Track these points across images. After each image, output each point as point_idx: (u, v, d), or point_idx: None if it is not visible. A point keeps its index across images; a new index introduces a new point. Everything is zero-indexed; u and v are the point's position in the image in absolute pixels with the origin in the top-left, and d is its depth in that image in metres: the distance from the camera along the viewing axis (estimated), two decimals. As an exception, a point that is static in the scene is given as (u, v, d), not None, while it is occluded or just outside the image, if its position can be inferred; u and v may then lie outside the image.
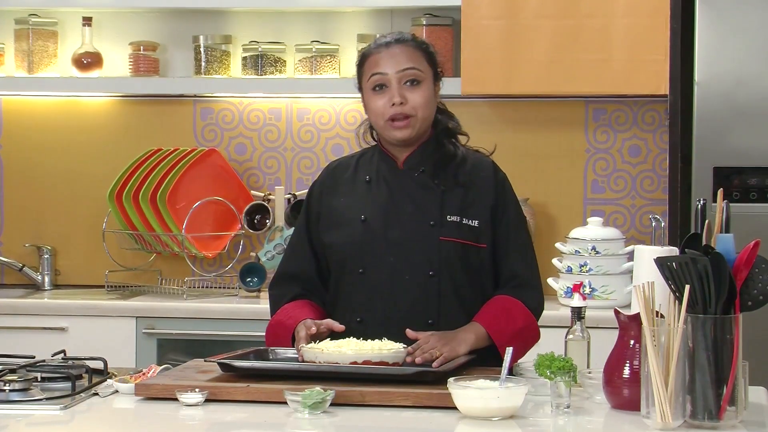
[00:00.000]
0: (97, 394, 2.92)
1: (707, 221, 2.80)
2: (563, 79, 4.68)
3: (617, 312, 2.80)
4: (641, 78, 4.62)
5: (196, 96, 5.17)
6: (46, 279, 5.18)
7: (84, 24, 5.09)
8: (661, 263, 2.63)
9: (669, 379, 2.55)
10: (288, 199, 5.01)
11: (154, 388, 2.86)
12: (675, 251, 2.76)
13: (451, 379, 2.71)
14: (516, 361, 3.01)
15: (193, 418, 2.72)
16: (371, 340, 3.02)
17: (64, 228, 5.23)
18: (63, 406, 2.79)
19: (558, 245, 4.68)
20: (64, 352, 3.27)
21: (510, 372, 2.78)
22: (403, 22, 5.00)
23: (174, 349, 4.63)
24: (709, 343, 2.58)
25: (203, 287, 5.04)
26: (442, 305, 3.22)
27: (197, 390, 2.79)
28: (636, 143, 4.97)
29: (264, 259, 4.90)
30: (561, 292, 4.62)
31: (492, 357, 3.11)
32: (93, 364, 3.09)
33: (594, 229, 4.65)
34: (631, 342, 2.75)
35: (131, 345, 4.64)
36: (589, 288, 4.54)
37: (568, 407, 2.72)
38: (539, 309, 3.30)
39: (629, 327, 2.76)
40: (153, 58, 5.12)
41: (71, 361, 3.15)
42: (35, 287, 5.18)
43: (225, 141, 5.16)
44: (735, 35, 4.35)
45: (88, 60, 5.09)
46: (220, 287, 5.02)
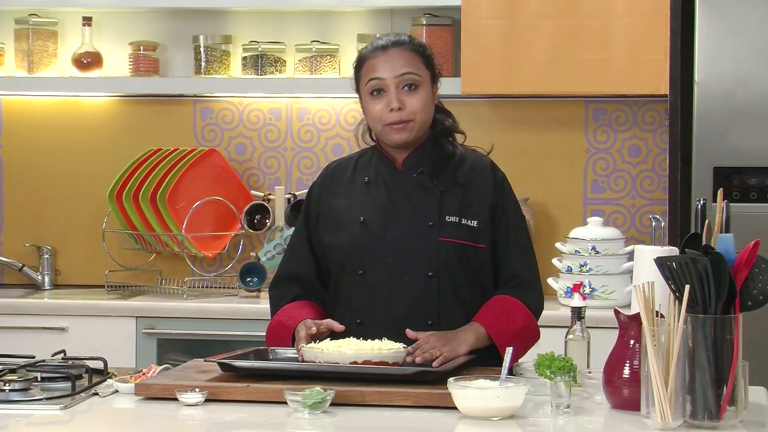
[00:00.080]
0: (97, 394, 2.92)
1: (707, 221, 2.80)
2: (563, 79, 4.68)
3: (617, 312, 2.80)
4: (641, 78, 4.62)
5: (196, 96, 5.17)
6: (46, 279, 5.18)
7: (84, 24, 5.09)
8: (661, 263, 2.63)
9: (669, 379, 2.55)
10: (288, 199, 5.01)
11: (154, 388, 2.86)
12: (675, 251, 2.76)
13: (451, 379, 2.71)
14: (516, 361, 3.01)
15: (193, 418, 2.72)
16: (371, 340, 3.02)
17: (64, 228, 5.23)
18: (63, 406, 2.79)
19: (558, 245, 4.68)
20: (64, 352, 3.27)
21: (510, 372, 2.78)
22: (403, 22, 5.00)
23: (174, 349, 4.63)
24: (709, 343, 2.58)
25: (203, 287, 5.04)
26: (441, 306, 3.22)
27: (197, 390, 2.79)
28: (636, 143, 4.96)
29: (264, 259, 4.90)
30: (561, 292, 4.62)
31: (492, 357, 3.11)
32: (93, 364, 3.09)
33: (594, 229, 4.65)
34: (631, 342, 2.75)
35: (131, 345, 4.64)
36: (589, 288, 4.54)
37: (568, 407, 2.71)
38: (539, 309, 3.30)
39: (629, 327, 2.76)
40: (153, 58, 5.12)
41: (71, 361, 3.15)
42: (35, 287, 5.17)
43: (225, 141, 5.16)
44: (735, 35, 4.35)
45: (88, 60, 5.09)
46: (220, 287, 5.02)
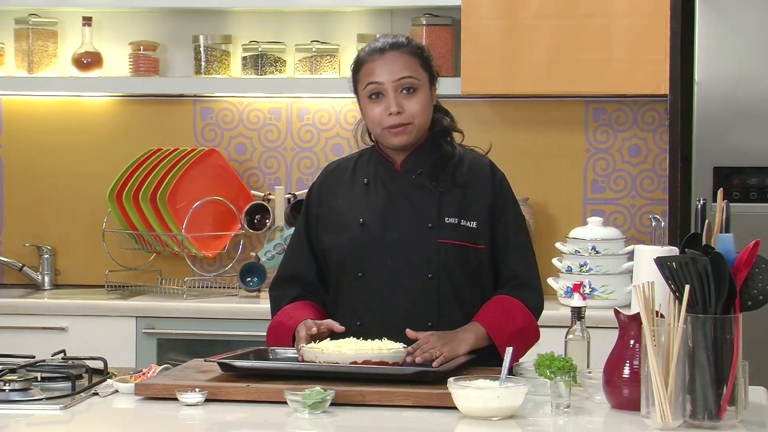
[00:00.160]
0: (97, 393, 2.92)
1: (707, 221, 2.80)
2: (563, 79, 4.68)
3: (617, 312, 2.80)
4: (641, 78, 4.62)
5: (196, 96, 5.16)
6: (46, 279, 5.18)
7: (84, 24, 5.09)
8: (661, 263, 2.63)
9: (669, 379, 2.55)
10: (288, 199, 5.01)
11: (154, 387, 2.86)
12: (675, 251, 2.76)
13: (451, 379, 2.70)
14: (516, 361, 3.01)
15: (193, 417, 2.72)
16: (371, 340, 3.02)
17: (64, 228, 5.23)
18: (63, 405, 2.79)
19: (558, 245, 4.68)
20: (64, 351, 3.27)
21: (510, 372, 2.78)
22: (403, 22, 5.00)
23: (174, 349, 4.63)
24: (709, 343, 2.58)
25: (203, 287, 5.04)
26: (441, 307, 3.22)
27: (197, 390, 2.79)
28: (636, 143, 4.96)
29: (264, 259, 4.90)
30: (561, 291, 4.62)
31: (492, 357, 3.11)
32: (93, 363, 3.09)
33: (594, 229, 4.65)
34: (631, 342, 2.75)
35: (131, 345, 4.64)
36: (589, 288, 4.54)
37: (568, 407, 2.71)
38: (539, 309, 3.30)
39: (629, 327, 2.76)
40: (153, 57, 5.11)
41: (71, 361, 3.15)
42: (35, 287, 5.17)
43: (225, 141, 5.16)
44: (735, 35, 4.35)
45: (88, 60, 5.09)
46: (220, 287, 5.02)
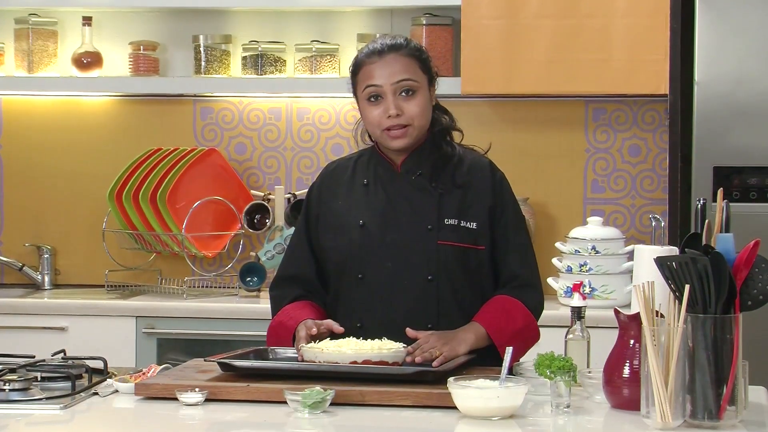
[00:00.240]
0: (97, 393, 2.92)
1: (707, 221, 2.80)
2: (563, 79, 4.68)
3: (617, 312, 2.80)
4: (641, 78, 4.62)
5: (196, 96, 5.17)
6: (46, 279, 5.18)
7: (84, 24, 5.09)
8: (661, 263, 2.63)
9: (669, 379, 2.55)
10: (288, 199, 5.01)
11: (153, 387, 2.86)
12: (675, 251, 2.76)
13: (451, 379, 2.70)
14: (516, 361, 3.01)
15: (193, 417, 2.72)
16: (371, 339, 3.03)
17: (64, 228, 5.23)
18: (63, 405, 2.79)
19: (558, 245, 4.68)
20: (63, 351, 3.27)
21: (510, 372, 2.78)
22: (403, 21, 5.00)
23: (174, 349, 4.63)
24: (709, 343, 2.58)
25: (203, 287, 5.04)
26: (441, 308, 3.22)
27: (197, 390, 2.79)
28: (636, 143, 4.96)
29: (264, 259, 4.90)
30: (561, 291, 4.62)
31: (492, 357, 3.11)
32: (93, 363, 3.09)
33: (594, 229, 4.65)
34: (631, 342, 2.75)
35: (131, 345, 4.64)
36: (589, 288, 4.54)
37: (568, 407, 2.71)
38: (539, 309, 3.29)
39: (629, 327, 2.76)
40: (153, 57, 5.11)
41: (71, 361, 3.15)
42: (35, 287, 5.17)
43: (225, 141, 5.16)
44: (735, 35, 4.35)
45: (88, 60, 5.09)
46: (220, 287, 5.02)
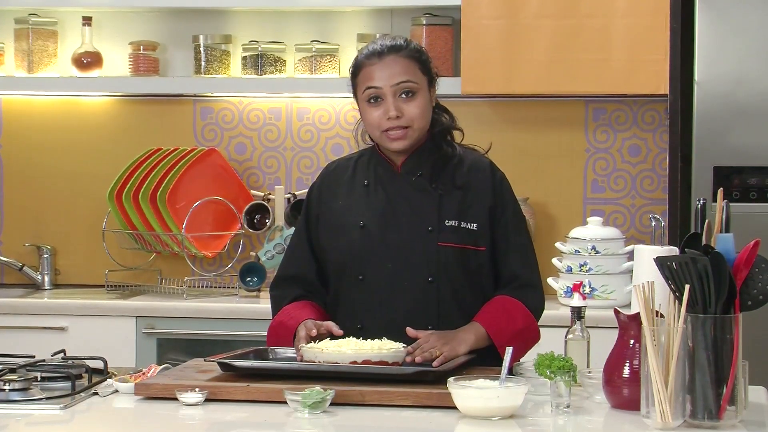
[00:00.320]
0: (97, 393, 2.92)
1: (707, 221, 2.80)
2: (563, 79, 4.68)
3: (617, 312, 2.80)
4: (641, 78, 4.62)
5: (196, 96, 5.16)
6: (46, 278, 5.18)
7: (84, 24, 5.09)
8: (661, 263, 2.63)
9: (669, 379, 2.55)
10: (288, 199, 5.01)
11: (153, 387, 2.86)
12: (675, 251, 2.76)
13: (451, 379, 2.70)
14: (516, 361, 3.01)
15: (193, 417, 2.72)
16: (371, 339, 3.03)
17: (64, 228, 5.23)
18: (63, 405, 2.79)
19: (558, 245, 4.68)
20: (63, 351, 3.27)
21: (510, 372, 2.78)
22: (403, 21, 5.00)
23: (174, 349, 4.63)
24: (709, 343, 2.58)
25: (203, 287, 5.04)
26: (441, 310, 3.21)
27: (197, 390, 2.79)
28: (636, 143, 4.96)
29: (264, 259, 4.90)
30: (561, 291, 4.62)
31: (492, 357, 3.11)
32: (93, 363, 3.09)
33: (594, 229, 4.65)
34: (631, 342, 2.75)
35: (131, 345, 4.64)
36: (589, 288, 4.54)
37: (568, 407, 2.71)
38: (540, 309, 3.29)
39: (629, 327, 2.76)
40: (153, 57, 5.11)
41: (71, 361, 3.15)
42: (35, 287, 5.17)
43: (225, 141, 5.16)
44: (735, 35, 4.34)
45: (88, 60, 5.09)
46: (220, 287, 5.02)
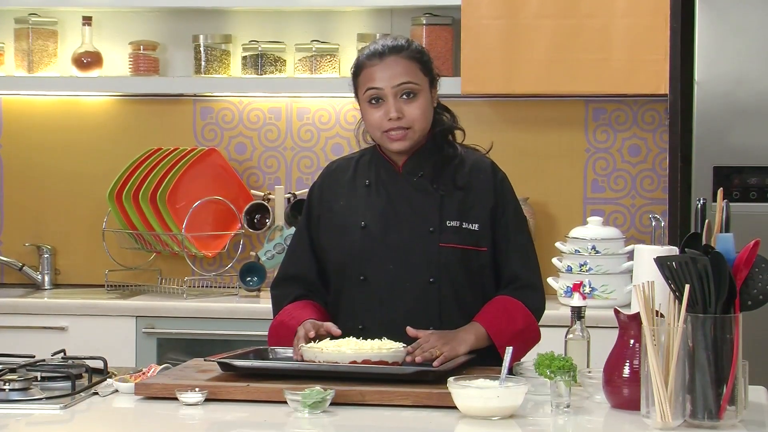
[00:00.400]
0: (97, 393, 2.92)
1: (707, 221, 2.80)
2: (563, 79, 4.68)
3: (617, 311, 2.80)
4: (641, 78, 4.62)
5: (195, 95, 5.16)
6: (46, 278, 5.18)
7: (84, 23, 5.09)
8: (661, 263, 2.63)
9: (669, 379, 2.55)
10: (288, 199, 5.01)
11: (153, 387, 2.86)
12: (675, 251, 2.76)
13: (451, 379, 2.70)
14: (516, 361, 3.01)
15: (193, 417, 2.72)
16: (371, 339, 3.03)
17: (64, 227, 5.23)
18: (63, 405, 2.79)
19: (558, 245, 4.68)
20: (63, 351, 3.27)
21: (510, 372, 2.78)
22: (403, 21, 5.00)
23: (174, 349, 4.63)
24: (709, 343, 2.58)
25: (203, 287, 5.04)
26: (442, 311, 3.21)
27: (197, 389, 2.79)
28: (636, 143, 4.96)
29: (264, 259, 4.89)
30: (561, 291, 4.62)
31: (492, 357, 3.11)
32: (93, 363, 3.09)
33: (594, 229, 4.65)
34: (631, 341, 2.75)
35: (131, 344, 4.64)
36: (589, 287, 4.54)
37: (568, 407, 2.71)
38: (540, 310, 3.29)
39: (629, 326, 2.76)
40: (153, 57, 5.11)
41: (71, 361, 3.15)
42: (35, 286, 5.17)
43: (225, 140, 5.16)
44: (735, 35, 4.35)
45: (88, 59, 5.09)
46: (220, 287, 5.02)
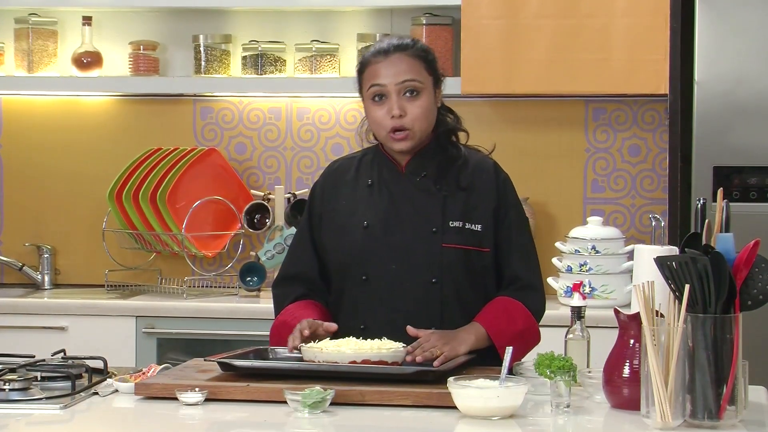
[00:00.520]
0: (97, 393, 2.92)
1: (707, 221, 2.80)
2: (563, 79, 4.68)
3: (617, 311, 2.80)
4: (641, 78, 4.62)
5: (195, 95, 5.16)
6: (45, 278, 5.18)
7: (84, 23, 5.09)
8: (661, 263, 2.63)
9: (669, 379, 2.55)
10: (288, 199, 5.01)
11: (153, 387, 2.86)
12: (675, 251, 2.76)
13: (451, 379, 2.70)
14: (516, 362, 3.01)
15: (193, 417, 2.72)
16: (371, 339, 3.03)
17: (64, 227, 5.23)
18: (63, 405, 2.79)
19: (558, 245, 4.68)
20: (63, 351, 3.27)
21: (510, 371, 2.78)
22: (403, 21, 5.00)
23: (174, 349, 4.63)
24: (709, 343, 2.58)
25: (203, 287, 5.04)
26: (444, 311, 3.21)
27: (197, 389, 2.79)
28: (636, 143, 4.96)
29: (264, 259, 4.89)
30: (561, 291, 4.62)
31: (492, 357, 3.11)
32: (93, 363, 3.09)
33: (594, 229, 4.65)
34: (631, 341, 2.75)
35: (131, 344, 4.64)
36: (589, 287, 4.54)
37: (568, 407, 2.71)
38: (541, 311, 3.29)
39: (629, 326, 2.76)
40: (153, 57, 5.11)
41: (71, 361, 3.15)
42: (35, 286, 5.17)
43: (225, 140, 5.16)
44: (735, 35, 4.35)
45: (87, 59, 5.09)
46: (220, 287, 5.01)
